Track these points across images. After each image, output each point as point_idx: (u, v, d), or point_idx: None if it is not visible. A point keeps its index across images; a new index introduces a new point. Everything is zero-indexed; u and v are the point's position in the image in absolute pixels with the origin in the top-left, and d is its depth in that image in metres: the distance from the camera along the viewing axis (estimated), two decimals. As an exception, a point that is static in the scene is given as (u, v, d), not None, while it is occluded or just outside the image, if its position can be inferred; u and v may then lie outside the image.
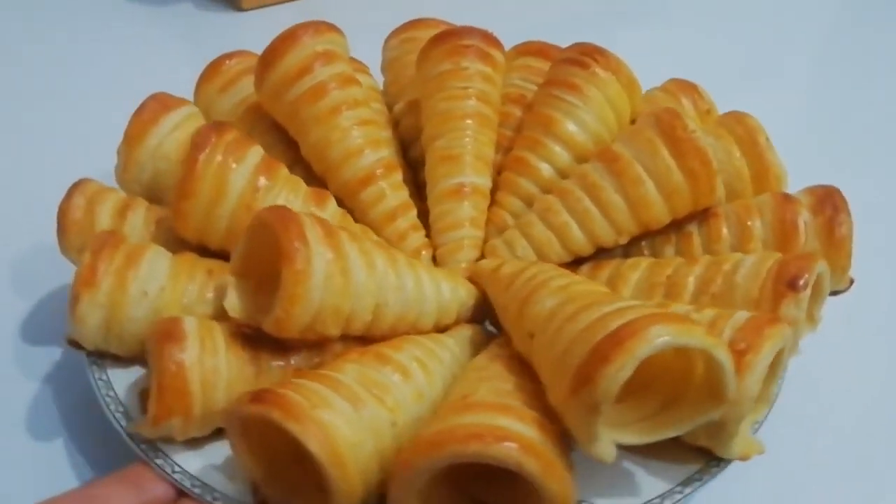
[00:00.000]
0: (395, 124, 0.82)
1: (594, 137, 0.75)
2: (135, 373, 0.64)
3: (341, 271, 0.58)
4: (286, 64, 0.74)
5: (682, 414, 0.52)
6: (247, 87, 0.81)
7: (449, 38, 0.77)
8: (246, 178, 0.66)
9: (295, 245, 0.56)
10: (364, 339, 0.62)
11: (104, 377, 0.63)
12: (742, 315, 0.57)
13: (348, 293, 0.58)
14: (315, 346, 0.61)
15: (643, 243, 0.72)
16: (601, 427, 0.48)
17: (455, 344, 0.64)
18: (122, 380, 0.63)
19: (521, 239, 0.71)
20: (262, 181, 0.67)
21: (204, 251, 0.68)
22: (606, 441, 0.49)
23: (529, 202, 0.74)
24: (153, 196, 0.74)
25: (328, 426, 0.50)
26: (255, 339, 0.60)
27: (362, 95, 0.76)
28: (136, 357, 0.64)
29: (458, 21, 0.88)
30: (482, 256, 0.73)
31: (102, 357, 0.64)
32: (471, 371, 0.59)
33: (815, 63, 0.97)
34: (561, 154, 0.74)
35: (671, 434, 0.52)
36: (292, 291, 0.56)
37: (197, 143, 0.65)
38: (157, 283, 0.63)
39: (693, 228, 0.71)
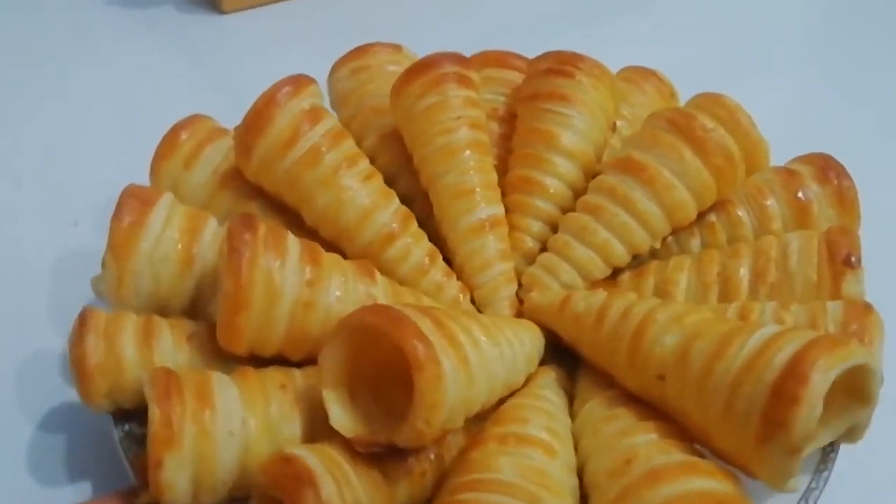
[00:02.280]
0: (371, 161, 0.77)
1: (592, 143, 0.74)
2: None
3: (462, 361, 0.54)
4: (275, 131, 0.67)
5: (834, 420, 0.54)
6: (213, 155, 0.73)
7: (425, 70, 0.73)
8: (295, 274, 0.60)
9: (420, 349, 0.52)
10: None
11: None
12: (833, 308, 0.60)
13: (471, 381, 0.55)
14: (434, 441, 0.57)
15: (670, 240, 0.73)
16: (799, 465, 0.50)
17: (555, 395, 0.62)
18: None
19: (562, 263, 0.70)
20: (309, 272, 0.61)
21: (255, 361, 0.61)
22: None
23: (547, 221, 0.73)
24: (157, 306, 0.65)
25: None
26: (376, 454, 0.55)
27: (353, 149, 0.71)
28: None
29: (404, 37, 0.84)
30: (519, 286, 0.71)
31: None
32: (596, 424, 0.58)
33: (805, 54, 1.00)
34: (567, 166, 0.73)
35: (828, 440, 0.55)
36: (431, 399, 0.52)
37: (235, 248, 0.58)
38: (237, 417, 0.56)
39: (713, 218, 0.73)
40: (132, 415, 0.62)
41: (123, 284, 0.64)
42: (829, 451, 0.60)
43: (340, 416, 0.55)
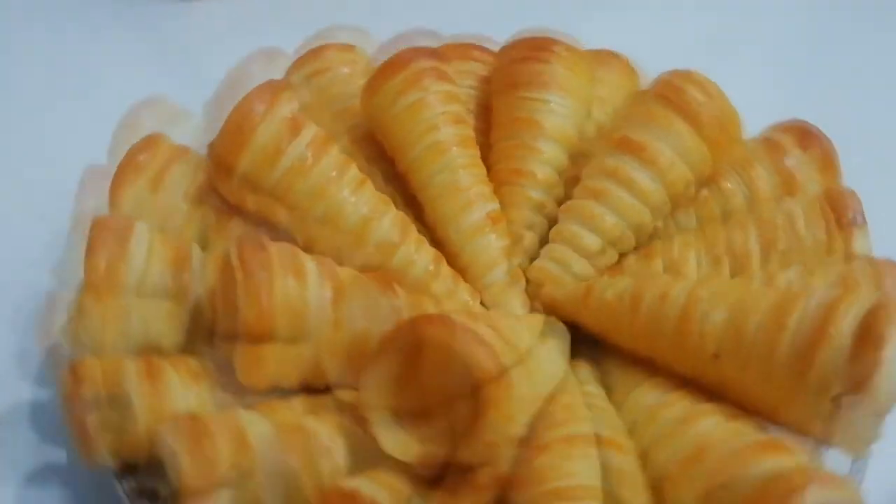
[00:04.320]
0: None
1: (574, 124, 0.72)
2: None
3: (522, 364, 0.51)
4: (257, 147, 0.62)
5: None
6: (178, 177, 0.67)
7: (400, 67, 0.69)
8: (318, 295, 0.55)
9: (482, 356, 0.48)
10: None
11: None
12: (861, 266, 0.60)
13: (532, 383, 0.52)
14: (485, 452, 0.53)
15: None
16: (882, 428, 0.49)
17: (597, 390, 0.60)
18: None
19: (572, 254, 0.67)
20: (330, 290, 0.56)
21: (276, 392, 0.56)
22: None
23: (539, 209, 0.70)
24: (148, 347, 0.58)
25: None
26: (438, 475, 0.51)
27: (341, 154, 0.66)
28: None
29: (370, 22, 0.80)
30: (527, 283, 0.68)
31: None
32: (651, 411, 0.56)
33: (778, 37, 1.00)
34: (552, 151, 0.71)
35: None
36: (506, 411, 0.48)
37: (251, 272, 0.52)
38: (277, 455, 0.50)
39: (704, 193, 0.72)
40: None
41: (108, 328, 0.57)
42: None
43: (393, 440, 0.50)
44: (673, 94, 0.68)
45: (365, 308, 0.56)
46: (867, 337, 0.48)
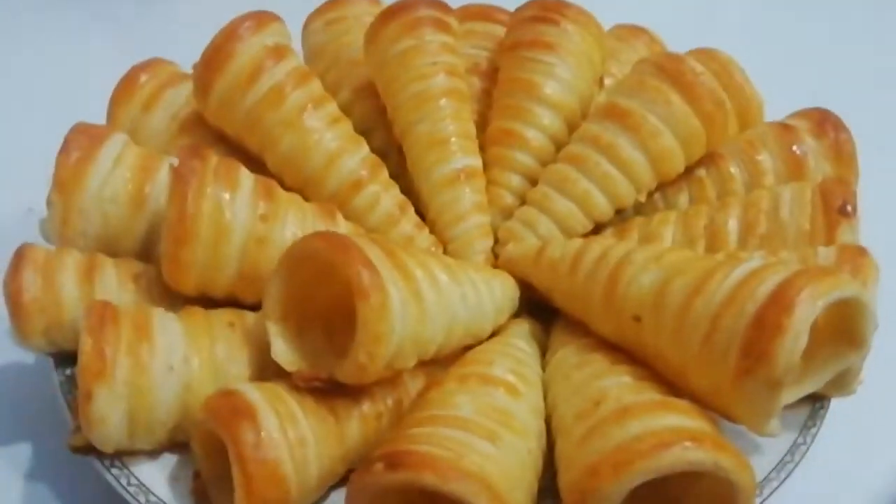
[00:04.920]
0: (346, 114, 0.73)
1: (578, 95, 0.70)
2: (166, 462, 0.53)
3: (414, 295, 0.50)
4: (235, 67, 0.64)
5: (821, 365, 0.50)
6: (173, 100, 0.69)
7: (401, 13, 0.69)
8: (247, 208, 0.56)
9: (365, 276, 0.47)
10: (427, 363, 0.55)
11: (134, 480, 0.52)
12: (825, 252, 0.56)
13: (424, 318, 0.51)
14: (388, 383, 0.53)
15: (656, 196, 0.68)
16: (779, 403, 0.45)
17: (527, 345, 0.58)
18: (157, 477, 0.52)
19: (540, 215, 0.66)
20: (263, 206, 0.57)
21: (205, 302, 0.57)
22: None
23: (527, 175, 0.69)
24: (107, 248, 0.61)
25: (485, 476, 0.43)
26: (322, 390, 0.51)
27: (321, 90, 0.67)
28: (163, 447, 0.53)
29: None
30: (496, 241, 0.67)
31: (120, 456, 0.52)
32: (568, 370, 0.53)
33: (803, 12, 0.95)
34: (550, 118, 0.69)
35: (815, 387, 0.50)
36: (375, 330, 0.47)
37: (182, 176, 0.54)
38: (179, 353, 0.52)
39: (702, 173, 0.68)
40: (74, 358, 0.57)
41: (69, 223, 0.60)
42: (818, 407, 0.56)
43: (283, 350, 0.51)
44: (669, 63, 0.66)
45: (298, 229, 0.57)
46: (774, 303, 0.45)
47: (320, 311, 0.53)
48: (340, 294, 0.51)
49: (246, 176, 0.57)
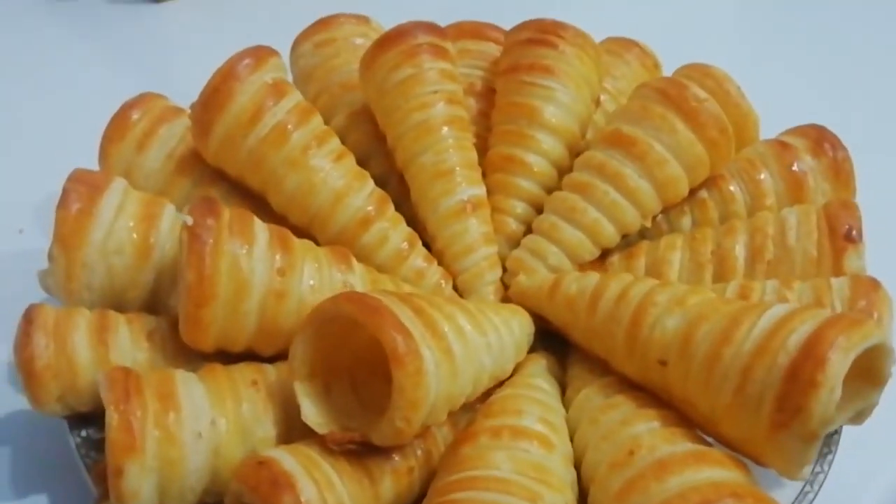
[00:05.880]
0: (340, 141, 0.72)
1: (577, 118, 0.70)
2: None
3: (445, 353, 0.50)
4: (235, 108, 0.62)
5: (842, 406, 0.50)
6: (167, 137, 0.68)
7: (398, 40, 0.68)
8: (265, 262, 0.55)
9: (400, 342, 0.47)
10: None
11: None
12: (839, 284, 0.57)
13: (455, 375, 0.51)
14: (416, 436, 0.53)
15: (659, 218, 0.69)
16: (815, 452, 0.46)
17: (548, 384, 0.58)
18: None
19: (549, 245, 0.66)
20: (280, 259, 0.56)
21: (222, 356, 0.56)
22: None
23: (531, 201, 0.69)
24: (113, 300, 0.60)
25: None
26: (355, 451, 0.50)
27: (322, 126, 0.66)
28: (193, 510, 0.52)
29: (367, 7, 0.79)
30: (504, 272, 0.67)
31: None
32: (593, 413, 0.54)
33: (800, 24, 0.95)
34: (551, 143, 0.69)
35: (838, 425, 0.51)
36: (412, 396, 0.47)
37: (197, 235, 0.53)
38: (206, 418, 0.51)
39: (704, 194, 0.69)
40: (89, 419, 0.56)
41: (73, 278, 0.58)
42: (832, 433, 0.57)
43: (312, 411, 0.51)
44: (673, 89, 0.65)
45: (315, 280, 0.56)
46: (807, 357, 0.45)
47: (346, 365, 0.52)
48: (366, 347, 0.50)
49: (260, 228, 0.56)
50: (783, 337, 0.47)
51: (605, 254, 0.67)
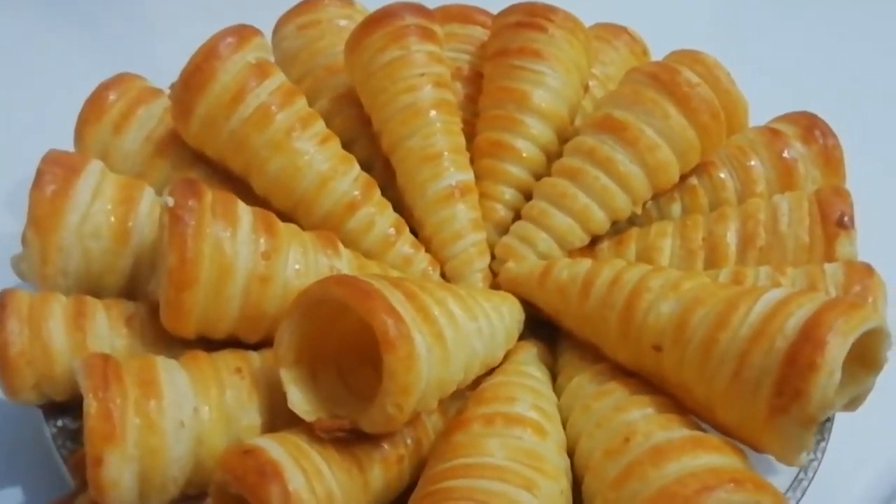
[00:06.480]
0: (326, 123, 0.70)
1: (566, 103, 0.69)
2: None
3: (437, 338, 0.48)
4: (217, 88, 0.60)
5: (839, 390, 0.50)
6: (145, 118, 0.66)
7: (385, 21, 0.67)
8: (248, 245, 0.53)
9: (391, 326, 0.46)
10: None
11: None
12: (832, 270, 0.56)
13: (447, 360, 0.49)
14: (406, 424, 0.51)
15: (649, 205, 0.68)
16: (813, 437, 0.45)
17: (539, 371, 0.57)
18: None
19: (538, 232, 0.64)
20: (264, 243, 0.54)
21: (203, 343, 0.54)
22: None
23: (520, 187, 0.68)
24: (89, 286, 0.58)
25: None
26: (343, 439, 0.49)
27: (307, 108, 0.64)
28: (175, 502, 0.50)
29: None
30: (493, 259, 0.66)
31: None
32: (586, 400, 0.53)
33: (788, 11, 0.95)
34: (540, 128, 0.68)
35: (835, 411, 0.50)
36: (404, 381, 0.46)
37: (179, 217, 0.51)
38: (188, 407, 0.49)
39: (694, 181, 0.68)
40: (65, 408, 0.54)
41: (48, 262, 0.56)
42: (825, 421, 0.56)
43: (299, 398, 0.49)
44: (665, 73, 0.64)
45: (301, 264, 0.55)
46: (806, 341, 0.45)
47: (332, 350, 0.51)
48: (353, 332, 0.49)
49: (244, 210, 0.55)
50: (781, 321, 0.46)
51: (594, 241, 0.66)
